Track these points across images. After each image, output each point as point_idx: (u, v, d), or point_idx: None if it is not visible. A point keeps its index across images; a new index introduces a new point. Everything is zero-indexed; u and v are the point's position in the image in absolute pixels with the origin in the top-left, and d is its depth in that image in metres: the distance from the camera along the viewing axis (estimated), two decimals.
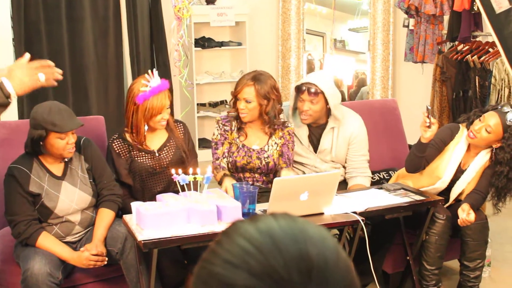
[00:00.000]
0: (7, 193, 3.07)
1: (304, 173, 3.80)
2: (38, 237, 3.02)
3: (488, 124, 3.43)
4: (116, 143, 3.45)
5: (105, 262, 3.05)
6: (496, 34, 4.34)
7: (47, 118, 2.96)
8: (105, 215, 3.18)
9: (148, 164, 3.44)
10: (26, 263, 2.90)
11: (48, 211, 3.08)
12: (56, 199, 3.09)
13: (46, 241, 3.03)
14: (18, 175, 3.03)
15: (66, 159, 3.16)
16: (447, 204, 3.61)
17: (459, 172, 3.59)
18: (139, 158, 3.45)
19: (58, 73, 2.55)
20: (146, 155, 3.46)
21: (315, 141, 3.81)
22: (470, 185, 3.58)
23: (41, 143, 3.02)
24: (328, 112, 3.74)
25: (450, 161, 3.57)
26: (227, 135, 3.64)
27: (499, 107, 3.49)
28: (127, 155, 3.44)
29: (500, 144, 3.46)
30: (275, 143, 3.64)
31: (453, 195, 3.62)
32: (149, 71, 3.39)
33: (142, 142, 3.44)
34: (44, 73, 2.49)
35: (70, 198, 3.11)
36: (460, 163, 3.59)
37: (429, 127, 3.41)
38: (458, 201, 3.61)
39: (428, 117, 3.40)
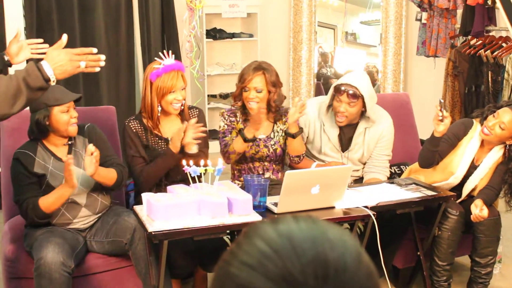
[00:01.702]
0: (13, 176, 3.12)
1: None
2: (38, 203, 3.01)
3: (502, 120, 3.40)
4: (132, 123, 3.47)
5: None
6: None
7: (48, 95, 2.99)
8: (108, 169, 3.19)
9: (162, 150, 3.44)
10: (39, 252, 2.90)
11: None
12: (60, 179, 3.11)
13: (45, 199, 3.03)
14: (23, 158, 3.08)
15: (70, 142, 3.20)
16: (459, 200, 3.59)
17: (472, 167, 3.57)
18: (153, 143, 3.46)
19: (101, 60, 2.50)
20: (160, 141, 3.47)
21: (344, 140, 3.78)
22: (483, 181, 3.56)
23: (47, 123, 3.07)
24: (361, 113, 3.71)
25: (464, 156, 3.55)
26: (234, 125, 3.64)
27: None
28: (144, 136, 3.45)
29: None
30: (280, 129, 3.63)
31: (466, 190, 3.59)
32: (164, 51, 3.42)
33: (156, 124, 3.44)
34: (86, 60, 2.45)
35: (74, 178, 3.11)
36: (473, 158, 3.57)
37: (441, 120, 3.38)
38: (470, 197, 3.59)
39: (440, 110, 3.37)
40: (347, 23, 8.46)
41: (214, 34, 7.05)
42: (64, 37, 2.47)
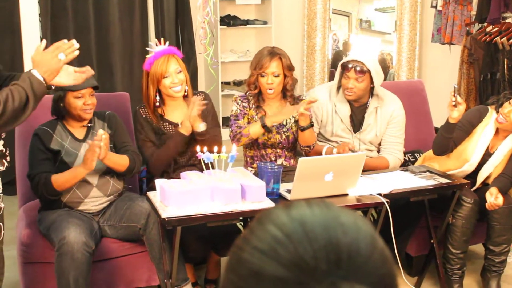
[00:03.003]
0: (30, 151, 3.19)
1: None
2: (50, 180, 3.05)
3: None
4: (143, 110, 3.51)
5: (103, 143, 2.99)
6: None
7: None
8: (120, 155, 3.23)
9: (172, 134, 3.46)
10: (61, 233, 2.94)
11: (67, 167, 3.13)
12: (74, 156, 3.17)
13: (58, 177, 3.08)
14: (41, 134, 3.17)
15: (90, 124, 3.25)
16: (474, 188, 3.57)
17: (487, 155, 3.54)
18: (164, 128, 3.48)
19: (74, 46, 2.60)
20: (170, 126, 3.49)
21: (355, 121, 3.80)
22: (497, 169, 3.54)
23: (61, 104, 3.16)
24: (370, 91, 3.72)
25: (478, 143, 3.53)
26: (246, 111, 3.64)
27: None
28: (154, 122, 3.48)
29: None
30: (292, 116, 3.62)
31: (480, 178, 3.57)
32: (156, 39, 3.45)
33: (156, 115, 3.46)
34: (63, 51, 2.57)
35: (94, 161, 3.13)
36: (488, 146, 3.54)
37: (455, 106, 3.37)
38: (485, 185, 3.57)
39: (454, 96, 3.36)
40: (361, 10, 8.40)
41: (228, 21, 7.02)
42: (43, 42, 2.61)
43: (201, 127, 3.37)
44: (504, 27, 5.57)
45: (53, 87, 2.67)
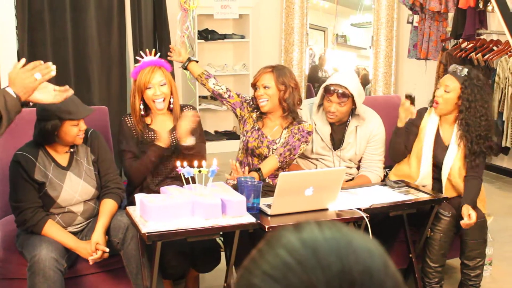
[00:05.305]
0: (12, 179, 3.07)
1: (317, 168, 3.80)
2: (44, 225, 3.02)
3: (446, 84, 3.58)
4: (128, 119, 3.49)
5: (107, 255, 3.05)
6: (510, 32, 4.34)
7: (61, 108, 2.97)
8: (110, 205, 3.18)
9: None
10: (33, 250, 2.90)
11: (51, 201, 3.08)
12: (59, 189, 3.09)
13: (52, 229, 3.04)
14: (24, 162, 3.03)
15: (72, 150, 3.17)
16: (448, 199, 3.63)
17: (444, 150, 3.66)
18: (148, 138, 3.46)
19: (51, 67, 2.60)
20: (155, 135, 3.47)
21: (335, 139, 3.81)
22: (457, 160, 3.62)
23: (55, 133, 3.04)
24: (351, 111, 3.75)
25: (426, 135, 3.68)
26: (246, 106, 3.69)
27: (450, 70, 3.67)
28: (139, 131, 3.46)
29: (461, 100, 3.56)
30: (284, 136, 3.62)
31: (444, 174, 3.65)
32: (147, 50, 3.45)
33: (141, 124, 3.44)
34: (39, 71, 2.57)
35: (74, 189, 3.11)
36: (442, 141, 3.68)
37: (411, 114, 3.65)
38: (459, 197, 3.62)
39: (412, 104, 3.62)
40: (338, 25, 8.49)
41: (206, 35, 7.04)
42: (22, 60, 2.61)
43: (189, 141, 3.36)
44: (479, 43, 5.66)
45: (30, 104, 2.64)
